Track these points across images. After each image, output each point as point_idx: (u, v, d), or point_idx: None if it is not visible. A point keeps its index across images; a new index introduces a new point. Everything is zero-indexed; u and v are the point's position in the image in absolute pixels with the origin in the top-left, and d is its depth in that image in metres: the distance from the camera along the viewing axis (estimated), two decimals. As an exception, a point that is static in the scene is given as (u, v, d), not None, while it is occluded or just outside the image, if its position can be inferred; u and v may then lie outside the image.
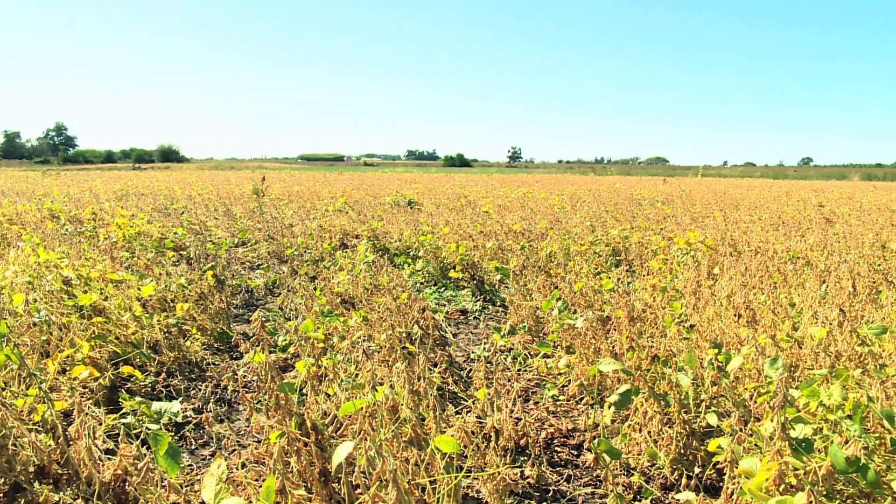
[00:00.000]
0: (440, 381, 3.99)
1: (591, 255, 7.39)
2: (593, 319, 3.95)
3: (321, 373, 3.56)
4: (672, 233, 8.88)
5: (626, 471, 3.16)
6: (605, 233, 8.78)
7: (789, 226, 10.41)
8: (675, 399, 3.09)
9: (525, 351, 4.81)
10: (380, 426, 2.53)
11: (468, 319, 6.05)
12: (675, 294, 5.04)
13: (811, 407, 2.62)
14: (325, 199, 16.25)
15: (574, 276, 5.71)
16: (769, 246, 7.49)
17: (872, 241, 7.97)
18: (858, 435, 2.28)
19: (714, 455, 2.73)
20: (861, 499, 2.46)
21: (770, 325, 3.81)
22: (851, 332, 3.39)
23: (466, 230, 8.77)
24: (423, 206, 14.37)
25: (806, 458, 2.23)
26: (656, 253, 7.38)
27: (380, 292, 5.63)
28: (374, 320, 4.64)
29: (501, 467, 2.72)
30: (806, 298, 4.53)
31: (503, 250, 7.59)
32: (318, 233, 9.74)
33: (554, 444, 3.50)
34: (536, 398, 4.06)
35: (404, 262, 8.03)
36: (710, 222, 10.45)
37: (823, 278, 5.57)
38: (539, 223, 9.87)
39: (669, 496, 2.96)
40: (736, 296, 4.29)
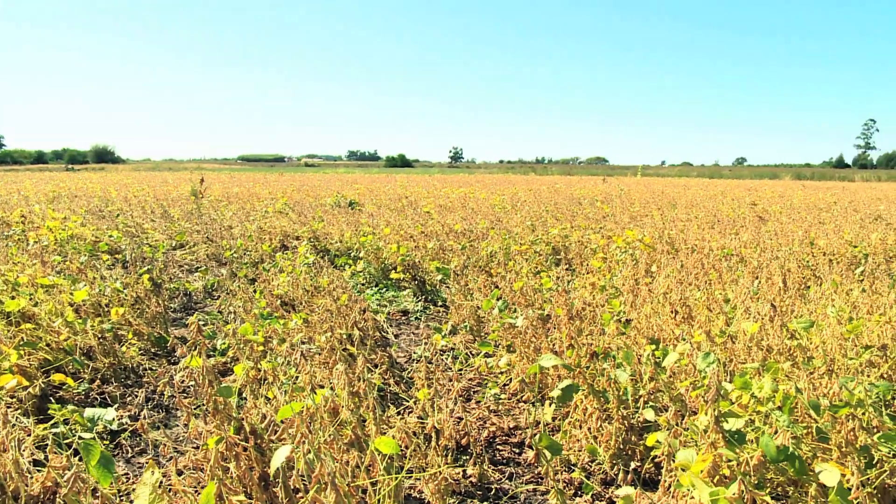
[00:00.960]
0: (381, 383, 3.97)
1: (531, 254, 7.44)
2: (533, 318, 3.98)
3: (261, 376, 3.51)
4: (611, 231, 9.01)
5: (567, 467, 3.19)
6: (545, 232, 8.86)
7: (724, 224, 10.65)
8: (614, 395, 3.13)
9: (466, 350, 4.82)
10: (319, 429, 2.51)
11: (410, 320, 6.04)
12: (614, 292, 5.11)
13: (744, 400, 2.67)
14: (266, 200, 16.04)
15: (514, 275, 5.74)
16: (705, 244, 7.65)
17: (802, 239, 8.20)
18: (787, 425, 2.34)
19: (652, 449, 2.77)
20: (790, 486, 2.53)
21: (705, 320, 3.89)
22: (782, 327, 3.48)
23: (407, 231, 8.76)
24: (364, 207, 14.31)
25: (739, 450, 2.28)
26: (596, 251, 7.47)
27: (320, 294, 5.59)
28: (314, 322, 4.60)
29: (443, 467, 2.72)
30: (739, 294, 4.64)
31: (444, 250, 7.60)
32: (257, 234, 9.61)
33: (496, 442, 3.51)
34: (478, 397, 4.07)
35: (345, 264, 7.98)
36: (649, 221, 10.63)
37: (756, 275, 5.71)
38: (480, 223, 9.91)
39: (610, 491, 2.99)
40: (672, 293, 4.36)
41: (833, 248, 7.64)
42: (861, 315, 4.04)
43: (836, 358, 3.46)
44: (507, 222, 10.28)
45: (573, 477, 3.08)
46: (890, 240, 8.37)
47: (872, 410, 2.69)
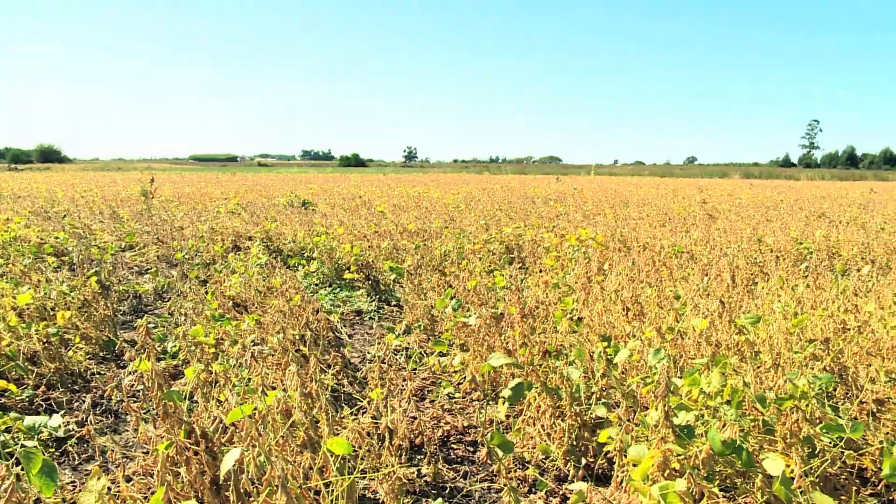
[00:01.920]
0: (335, 383, 3.96)
1: (485, 253, 7.47)
2: (487, 317, 3.99)
3: (212, 378, 3.47)
4: (564, 230, 9.09)
5: (521, 464, 3.21)
6: (499, 231, 8.90)
7: (675, 222, 10.81)
8: (567, 392, 3.15)
9: (421, 350, 4.82)
10: (270, 431, 2.49)
11: (364, 320, 6.02)
12: (567, 290, 5.15)
13: (693, 394, 2.72)
14: (218, 200, 15.86)
15: (468, 274, 5.76)
16: (656, 242, 7.77)
17: (750, 236, 8.37)
18: (735, 419, 2.39)
19: (605, 445, 2.80)
20: (738, 477, 2.58)
21: (656, 317, 3.95)
22: (730, 322, 3.54)
23: (361, 230, 8.73)
24: (317, 207, 14.23)
25: (689, 444, 2.32)
26: (549, 250, 7.53)
27: (273, 295, 5.54)
28: (267, 323, 4.56)
29: (396, 467, 2.71)
30: (689, 291, 4.71)
31: (398, 250, 7.59)
32: (209, 235, 9.49)
33: (450, 441, 3.52)
34: (433, 396, 4.07)
35: (298, 264, 7.92)
36: (601, 219, 10.74)
37: (706, 272, 5.81)
38: (434, 222, 9.92)
39: (563, 487, 3.01)
40: (624, 290, 4.42)
41: (780, 245, 7.81)
42: (806, 310, 4.14)
43: (782, 352, 3.54)
44: (460, 221, 10.31)
45: (527, 474, 3.09)
46: (833, 237, 8.58)
47: (815, 402, 2.75)
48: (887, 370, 3.36)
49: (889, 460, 2.08)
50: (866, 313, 4.07)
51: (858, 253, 7.58)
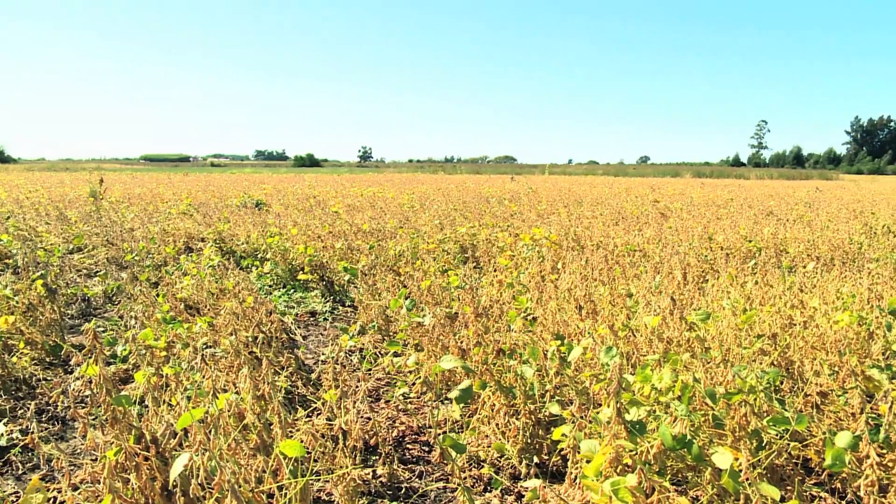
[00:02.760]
0: (289, 385, 3.93)
1: (439, 253, 7.48)
2: (441, 316, 4.00)
3: (163, 383, 3.41)
4: (518, 229, 9.14)
5: (476, 463, 3.22)
6: (453, 231, 8.90)
7: (628, 221, 10.93)
8: (521, 391, 3.17)
9: (375, 350, 4.81)
10: (222, 434, 2.46)
11: (318, 321, 5.98)
12: (521, 289, 5.18)
13: (645, 391, 2.76)
14: (169, 201, 15.59)
15: (422, 274, 5.76)
16: (610, 240, 7.84)
17: (701, 234, 8.50)
18: (685, 414, 2.43)
19: (559, 442, 2.82)
20: (689, 472, 2.62)
21: (609, 315, 3.99)
22: (681, 319, 3.60)
23: (315, 231, 8.66)
24: (271, 208, 14.08)
25: (640, 439, 2.35)
26: (503, 249, 7.56)
27: (226, 297, 5.47)
28: (219, 325, 4.50)
29: (350, 468, 2.70)
30: (642, 289, 4.77)
31: (352, 250, 7.56)
32: (161, 237, 9.34)
33: (405, 441, 3.52)
34: (387, 397, 4.06)
35: (252, 265, 7.84)
36: (555, 219, 10.81)
37: (658, 269, 5.89)
38: (388, 222, 9.90)
39: (518, 485, 3.03)
40: (577, 289, 4.45)
41: (729, 243, 7.94)
42: (754, 306, 4.22)
43: (732, 347, 3.61)
44: (415, 221, 10.30)
45: (483, 473, 3.11)
46: (780, 234, 8.77)
47: (763, 396, 2.81)
48: (831, 363, 3.45)
49: (831, 450, 2.13)
50: (811, 309, 4.17)
51: (804, 250, 7.75)
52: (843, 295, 4.51)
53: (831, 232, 9.21)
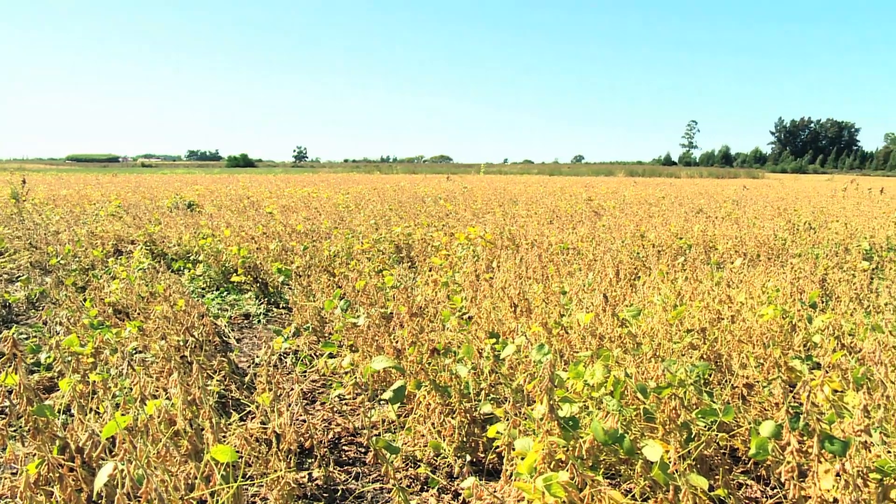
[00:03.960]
0: (221, 389, 3.86)
1: (374, 253, 7.45)
2: (376, 317, 3.98)
3: (89, 390, 3.32)
4: (454, 228, 9.16)
5: (412, 463, 3.22)
6: (388, 231, 8.88)
7: (563, 219, 11.06)
8: (456, 389, 3.18)
9: (310, 352, 4.77)
10: (152, 442, 2.40)
11: (252, 323, 5.90)
12: (456, 288, 5.20)
13: (577, 387, 2.79)
14: (98, 202, 15.17)
15: (357, 274, 5.72)
16: (544, 239, 7.92)
17: (633, 232, 8.65)
18: (616, 409, 2.47)
19: (494, 440, 2.84)
20: (621, 465, 2.67)
21: (542, 313, 4.03)
22: (613, 316, 3.65)
23: (249, 232, 8.54)
24: (204, 209, 13.84)
25: (573, 435, 2.38)
26: (438, 249, 7.57)
27: (157, 300, 5.35)
28: (149, 330, 4.40)
29: (285, 471, 2.67)
30: (575, 286, 4.83)
31: (287, 251, 7.47)
32: (88, 240, 9.07)
33: (341, 443, 3.50)
34: (323, 399, 4.03)
35: (184, 267, 7.69)
36: (491, 218, 10.88)
37: (591, 267, 5.97)
38: (323, 223, 9.82)
39: (455, 484, 3.04)
40: (511, 287, 4.48)
41: (661, 240, 8.10)
42: (684, 302, 4.31)
43: (662, 342, 3.68)
44: (350, 222, 10.23)
45: (419, 472, 3.11)
46: (710, 231, 8.98)
47: (693, 389, 2.87)
48: (756, 356, 3.54)
49: (756, 440, 2.19)
50: (738, 303, 4.28)
51: (732, 246, 7.95)
52: (768, 289, 4.64)
53: (757, 229, 9.47)
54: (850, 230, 9.57)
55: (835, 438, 2.03)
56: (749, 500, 2.90)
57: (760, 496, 2.93)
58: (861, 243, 8.11)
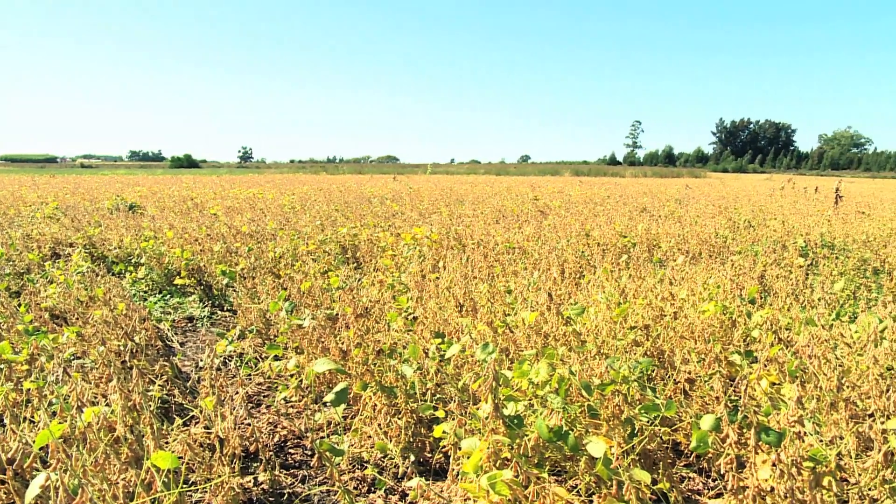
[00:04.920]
0: (164, 394, 3.80)
1: (320, 254, 7.40)
2: (321, 318, 3.96)
3: (24, 399, 3.23)
4: (400, 229, 9.14)
5: (359, 464, 3.21)
6: (334, 231, 8.83)
7: (509, 219, 11.12)
8: (402, 390, 3.18)
9: (256, 355, 4.71)
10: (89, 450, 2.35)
11: (196, 326, 5.81)
12: (402, 288, 5.19)
13: (523, 385, 2.81)
14: (34, 204, 14.77)
15: (303, 275, 5.68)
16: (490, 238, 7.96)
17: (578, 231, 8.74)
18: (561, 406, 2.49)
19: (441, 440, 2.85)
20: (566, 462, 2.69)
21: (488, 312, 4.04)
22: (558, 314, 3.69)
23: (193, 234, 8.41)
24: (146, 210, 13.57)
25: (519, 433, 2.39)
26: (384, 249, 7.55)
27: (96, 304, 5.23)
28: (89, 335, 4.30)
29: (229, 476, 2.64)
30: (520, 285, 4.86)
31: (231, 253, 7.38)
32: (23, 243, 8.83)
33: (288, 446, 3.47)
34: (268, 402, 3.99)
35: (125, 271, 7.53)
36: (437, 218, 10.88)
37: (537, 266, 6.02)
38: (268, 224, 9.72)
39: (402, 484, 3.04)
40: (457, 287, 4.49)
41: (606, 239, 8.20)
42: (628, 299, 4.37)
43: (607, 340, 3.72)
44: (296, 223, 10.15)
45: (366, 474, 3.10)
46: (653, 230, 9.12)
47: (637, 385, 2.92)
48: (698, 351, 3.61)
49: (697, 433, 2.23)
50: (680, 300, 4.36)
51: (675, 244, 8.09)
52: (709, 286, 4.73)
53: (700, 227, 9.64)
54: (787, 228, 9.82)
55: (770, 430, 2.08)
56: (691, 493, 2.96)
57: (702, 488, 3.00)
58: (797, 240, 8.33)
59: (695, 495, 2.94)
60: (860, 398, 2.92)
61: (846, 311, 4.78)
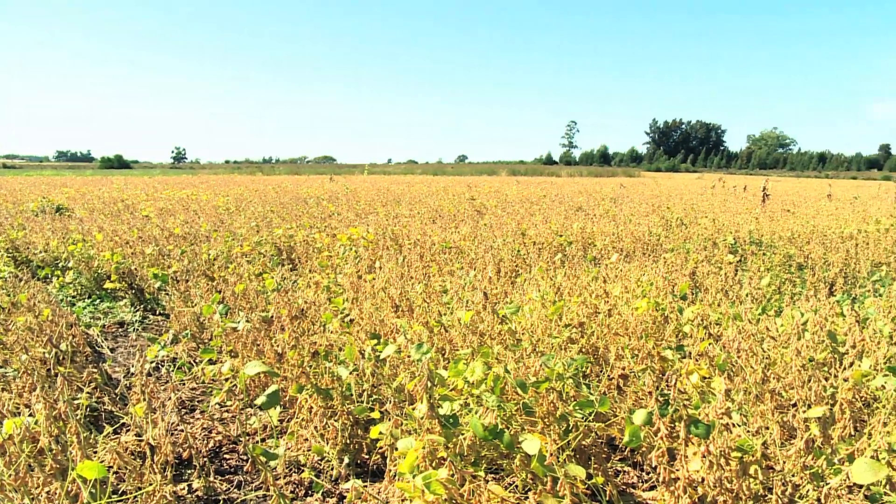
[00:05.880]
0: (93, 402, 3.70)
1: (255, 255, 7.31)
2: (256, 321, 3.91)
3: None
4: (336, 230, 9.09)
5: (296, 468, 3.18)
6: (270, 233, 8.73)
7: (445, 219, 11.15)
8: (338, 392, 3.16)
9: (190, 359, 4.63)
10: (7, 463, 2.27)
11: (128, 332, 5.68)
12: (338, 289, 5.15)
13: (458, 384, 2.82)
14: (-49, 207, 14.25)
15: (237, 278, 5.60)
16: (427, 238, 7.96)
17: (514, 230, 8.81)
18: (496, 405, 2.51)
19: (378, 441, 2.84)
20: (502, 459, 2.71)
21: (424, 312, 4.05)
22: (493, 313, 3.71)
23: (124, 236, 8.20)
24: (74, 213, 13.20)
25: (455, 432, 2.40)
26: (320, 250, 7.49)
27: (19, 310, 5.06)
28: (11, 343, 4.16)
29: (160, 484, 2.58)
30: (455, 285, 4.88)
31: (164, 256, 7.22)
32: (-62, 248, 8.50)
33: (223, 451, 3.41)
34: (202, 407, 3.92)
35: (52, 275, 7.31)
36: (373, 218, 10.85)
37: (473, 265, 6.04)
38: (202, 226, 9.55)
39: (339, 487, 3.02)
40: (393, 287, 4.49)
41: (542, 238, 8.27)
42: (563, 297, 4.42)
43: (542, 338, 3.76)
44: (230, 224, 10.00)
45: (303, 477, 3.07)
46: (588, 228, 9.25)
47: (572, 382, 2.95)
48: (632, 347, 3.68)
49: (629, 428, 2.27)
50: (614, 297, 4.43)
51: (610, 243, 8.22)
52: (643, 283, 4.82)
53: (633, 225, 9.82)
54: (717, 226, 10.08)
55: (700, 422, 2.13)
56: (626, 486, 3.01)
57: (636, 481, 3.05)
58: (727, 238, 8.55)
59: (629, 489, 2.99)
60: (785, 389, 3.02)
61: (772, 305, 4.93)
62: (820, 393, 2.81)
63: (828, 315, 4.12)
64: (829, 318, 4.08)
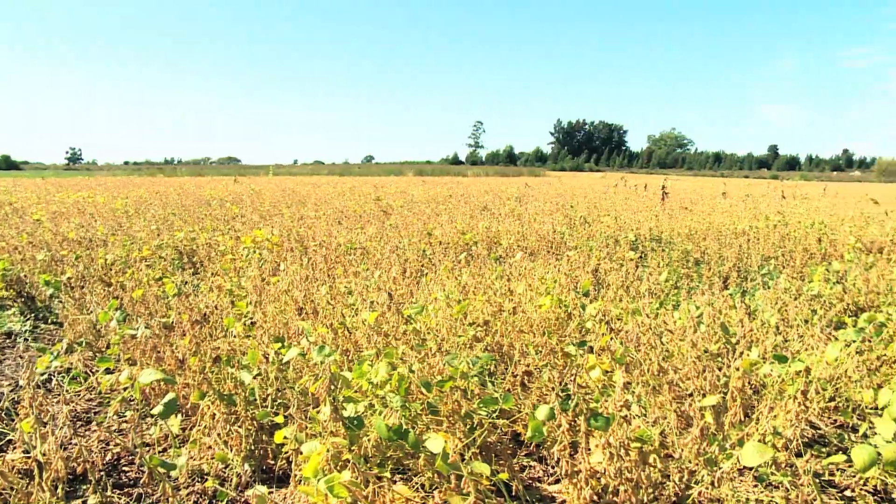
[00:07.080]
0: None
1: (155, 259, 7.10)
2: (156, 327, 3.80)
3: None
4: (240, 232, 8.92)
5: (199, 477, 3.09)
6: (171, 236, 8.50)
7: (351, 220, 11.09)
8: (241, 397, 3.10)
9: (86, 369, 4.45)
10: None
11: (16, 342, 5.41)
12: (241, 293, 5.06)
13: (363, 386, 2.81)
14: None
15: (136, 283, 5.42)
16: (332, 239, 7.90)
17: (421, 230, 8.84)
18: (400, 405, 2.51)
19: (283, 446, 2.80)
20: (409, 460, 2.71)
21: (328, 314, 4.01)
22: (398, 313, 3.71)
23: (12, 242, 7.83)
24: (-46, 218, 12.53)
25: (359, 434, 2.39)
26: (224, 253, 7.34)
27: None
28: None
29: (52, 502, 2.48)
30: (361, 286, 4.86)
31: (57, 261, 6.93)
32: None
33: (121, 464, 3.30)
34: (99, 419, 3.78)
35: (-68, 285, 6.92)
36: (279, 220, 10.71)
37: (378, 266, 6.03)
38: (99, 229, 9.22)
39: (245, 494, 2.96)
40: (297, 289, 4.43)
41: (447, 238, 8.33)
42: (469, 296, 4.46)
43: (447, 337, 3.78)
44: (129, 227, 9.69)
45: (206, 486, 3.00)
46: (493, 227, 9.36)
47: (477, 380, 2.98)
48: (536, 344, 3.74)
49: (532, 423, 2.31)
50: (519, 295, 4.49)
51: (515, 241, 8.33)
52: (546, 281, 4.91)
53: (538, 224, 9.99)
54: (619, 224, 10.37)
55: (599, 415, 2.19)
56: (532, 480, 3.05)
57: (542, 475, 3.10)
58: (628, 235, 8.80)
59: (535, 483, 3.03)
60: (681, 380, 3.12)
61: (670, 300, 5.10)
62: (714, 382, 2.91)
63: (722, 308, 4.29)
64: (722, 311, 4.26)
